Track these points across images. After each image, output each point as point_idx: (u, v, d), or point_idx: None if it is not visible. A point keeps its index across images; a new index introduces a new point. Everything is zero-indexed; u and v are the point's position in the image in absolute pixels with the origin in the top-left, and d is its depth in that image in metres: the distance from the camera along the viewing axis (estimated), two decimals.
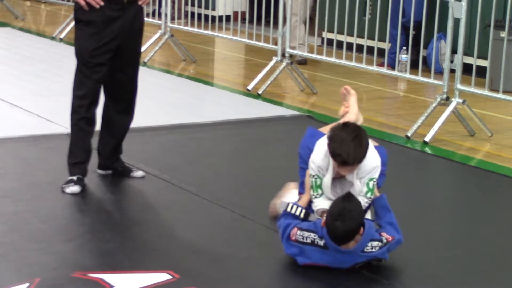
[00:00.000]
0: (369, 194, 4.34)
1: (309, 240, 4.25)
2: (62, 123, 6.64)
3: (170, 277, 4.08)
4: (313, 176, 4.38)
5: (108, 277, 4.05)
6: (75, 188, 5.23)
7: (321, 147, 4.39)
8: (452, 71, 7.40)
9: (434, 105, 7.28)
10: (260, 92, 8.58)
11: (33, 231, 4.64)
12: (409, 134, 7.04)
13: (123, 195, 5.42)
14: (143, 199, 5.32)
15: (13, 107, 7.44)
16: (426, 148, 6.81)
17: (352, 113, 4.79)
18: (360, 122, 4.73)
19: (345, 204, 4.18)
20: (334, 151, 4.22)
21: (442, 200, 5.62)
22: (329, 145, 4.26)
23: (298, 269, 4.30)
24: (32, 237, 4.55)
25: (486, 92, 7.26)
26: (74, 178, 5.28)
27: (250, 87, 8.77)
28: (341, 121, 4.54)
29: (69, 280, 4.02)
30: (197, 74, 9.65)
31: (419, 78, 8.05)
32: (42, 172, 5.66)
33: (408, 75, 8.08)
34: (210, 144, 6.66)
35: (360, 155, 4.22)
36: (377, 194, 4.43)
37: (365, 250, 4.23)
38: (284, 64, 8.85)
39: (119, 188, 5.48)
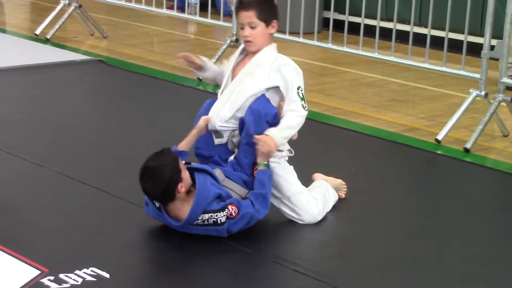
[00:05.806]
0: (303, 103, 4.07)
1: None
2: None
3: None
4: None
5: None
6: None
7: None
8: None
9: (224, 47, 7.41)
10: (48, 37, 8.37)
11: None
12: (201, 78, 7.11)
13: None
14: None
15: None
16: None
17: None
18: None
19: (149, 163, 3.84)
20: None
21: None
22: None
23: (74, 212, 4.27)
24: None
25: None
26: None
27: (38, 31, 8.55)
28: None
29: None
30: None
31: (209, 20, 8.11)
32: None
33: (197, 18, 8.14)
34: None
35: None
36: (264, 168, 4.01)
37: (197, 223, 3.88)
38: (72, 8, 8.66)
39: None
